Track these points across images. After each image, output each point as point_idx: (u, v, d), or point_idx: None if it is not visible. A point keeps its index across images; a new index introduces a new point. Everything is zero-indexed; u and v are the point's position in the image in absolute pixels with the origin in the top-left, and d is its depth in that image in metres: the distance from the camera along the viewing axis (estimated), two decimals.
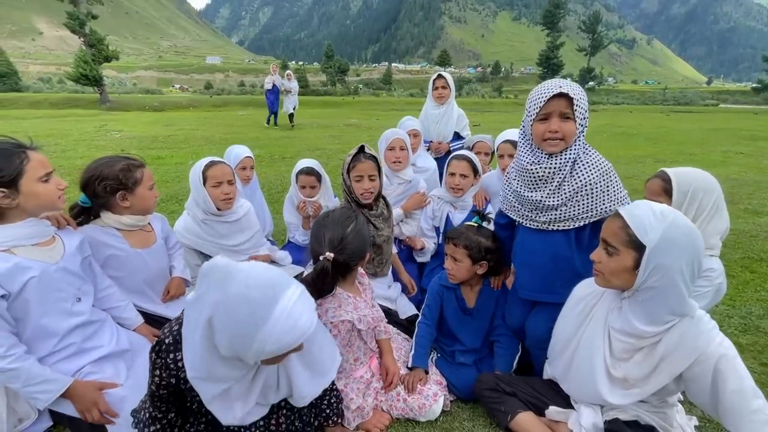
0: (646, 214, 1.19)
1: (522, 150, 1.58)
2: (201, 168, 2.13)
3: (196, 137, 9.94)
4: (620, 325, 1.29)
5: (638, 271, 1.19)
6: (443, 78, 3.53)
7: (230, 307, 0.98)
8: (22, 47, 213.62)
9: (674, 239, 1.15)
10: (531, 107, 1.46)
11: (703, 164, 7.54)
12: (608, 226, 1.28)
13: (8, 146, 1.36)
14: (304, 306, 1.04)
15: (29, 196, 1.36)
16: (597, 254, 1.32)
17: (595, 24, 52.72)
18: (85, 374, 1.46)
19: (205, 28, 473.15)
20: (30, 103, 23.06)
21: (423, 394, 1.61)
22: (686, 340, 1.18)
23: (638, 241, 1.18)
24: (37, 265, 1.37)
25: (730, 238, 3.64)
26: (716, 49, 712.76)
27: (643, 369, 1.26)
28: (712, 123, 17.65)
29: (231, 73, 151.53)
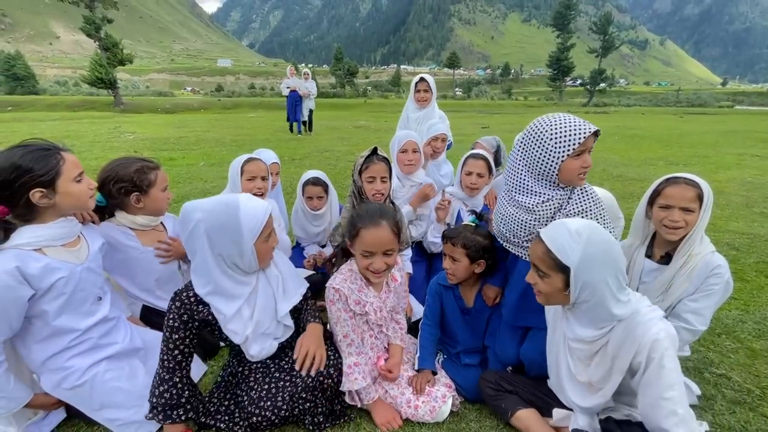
0: (563, 235, 1.23)
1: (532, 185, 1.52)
2: (241, 162, 2.24)
3: (207, 139, 10.07)
4: (570, 334, 1.36)
5: (569, 290, 1.25)
6: (425, 81, 3.57)
7: (213, 215, 1.36)
8: (39, 51, 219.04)
9: (593, 256, 1.20)
10: (565, 144, 1.39)
11: (717, 167, 7.45)
12: (534, 251, 1.32)
13: (44, 147, 1.39)
14: (255, 199, 1.45)
15: (65, 195, 1.39)
16: (531, 277, 1.37)
17: (606, 25, 52.03)
18: (102, 371, 1.49)
19: (216, 32, 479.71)
20: (47, 105, 23.65)
21: (432, 396, 1.60)
22: (628, 333, 1.23)
23: (562, 264, 1.23)
24: (65, 266, 1.40)
25: (744, 242, 3.58)
26: (731, 50, 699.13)
27: (600, 371, 1.31)
28: (727, 125, 17.33)
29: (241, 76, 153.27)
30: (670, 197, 1.57)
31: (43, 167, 1.34)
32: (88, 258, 1.50)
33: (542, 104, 45.60)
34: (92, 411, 1.47)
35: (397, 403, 1.62)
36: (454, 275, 1.80)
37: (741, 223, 4.12)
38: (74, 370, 1.44)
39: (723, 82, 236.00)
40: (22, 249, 1.33)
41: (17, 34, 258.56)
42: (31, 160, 1.32)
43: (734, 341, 2.12)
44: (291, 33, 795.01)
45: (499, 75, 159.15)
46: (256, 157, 2.31)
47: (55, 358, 1.43)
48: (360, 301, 1.63)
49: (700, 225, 1.55)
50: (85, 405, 1.46)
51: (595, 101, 48.19)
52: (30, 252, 1.34)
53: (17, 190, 1.31)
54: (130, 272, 1.81)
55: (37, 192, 1.33)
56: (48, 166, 1.35)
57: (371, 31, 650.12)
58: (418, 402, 1.59)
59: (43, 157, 1.35)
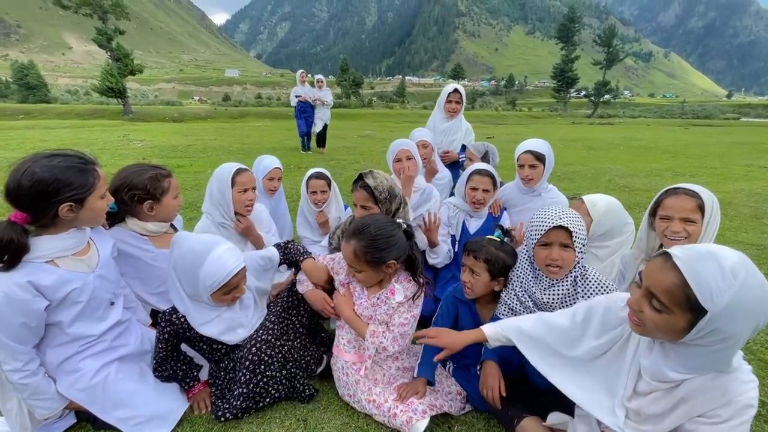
0: (713, 274, 0.95)
1: (524, 269, 1.67)
2: (231, 173, 2.14)
3: (215, 147, 10.19)
4: (648, 365, 1.15)
5: (689, 330, 1.00)
6: (458, 93, 3.51)
7: (179, 259, 1.51)
8: (52, 61, 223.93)
9: (743, 305, 0.93)
10: (532, 233, 1.57)
11: (724, 178, 7.40)
12: (660, 280, 1.02)
13: (83, 161, 1.39)
14: (230, 255, 1.53)
15: (89, 211, 1.39)
16: (637, 302, 1.09)
17: (610, 38, 52.39)
18: (114, 372, 1.51)
19: (224, 43, 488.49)
20: (58, 113, 24.08)
21: (411, 407, 1.56)
22: (717, 385, 1.04)
23: (698, 305, 0.95)
24: (78, 276, 1.41)
25: (755, 254, 3.54)
26: (736, 63, 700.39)
27: (659, 406, 1.14)
28: (733, 137, 17.26)
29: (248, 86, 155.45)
30: (669, 208, 1.56)
31: (82, 183, 1.35)
32: (99, 265, 1.50)
33: (546, 115, 45.73)
34: (104, 412, 1.47)
35: (379, 410, 1.59)
36: (471, 290, 1.73)
37: (750, 234, 4.08)
38: (86, 371, 1.45)
39: (728, 94, 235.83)
40: (35, 262, 1.33)
41: (31, 45, 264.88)
42: (72, 175, 1.33)
43: (747, 353, 2.08)
44: (298, 44, 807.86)
45: (504, 86, 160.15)
46: (244, 168, 2.22)
47: (69, 361, 1.44)
48: (345, 284, 1.78)
49: (705, 236, 1.52)
50: (98, 406, 1.47)
51: (599, 113, 48.25)
52: (42, 265, 1.34)
53: (51, 203, 1.30)
54: (143, 276, 1.81)
55: (67, 206, 1.33)
56: (86, 182, 1.36)
57: (377, 42, 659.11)
58: (396, 410, 1.56)
59: (82, 172, 1.35)
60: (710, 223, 1.52)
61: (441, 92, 3.59)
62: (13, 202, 1.29)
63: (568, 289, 1.58)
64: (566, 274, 1.58)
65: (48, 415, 1.42)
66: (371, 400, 1.62)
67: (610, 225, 1.92)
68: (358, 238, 1.59)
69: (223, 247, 1.52)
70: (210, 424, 1.60)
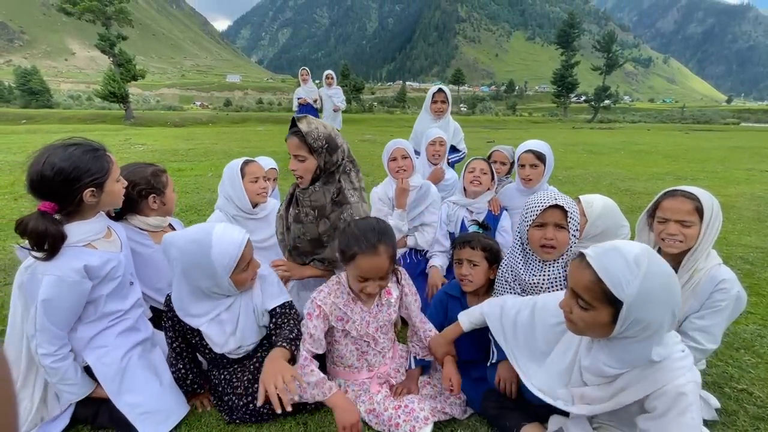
0: (618, 265, 1.06)
1: (515, 254, 1.68)
2: (239, 165, 2.23)
3: (216, 151, 10.20)
4: (588, 364, 1.24)
5: (615, 324, 1.09)
6: (443, 93, 3.53)
7: (186, 255, 1.44)
8: (55, 66, 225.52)
9: (653, 293, 1.04)
10: (528, 214, 1.59)
11: (726, 182, 7.38)
12: (579, 279, 1.13)
13: (95, 147, 1.46)
14: (231, 230, 1.50)
15: (108, 194, 1.48)
16: (567, 303, 1.19)
17: (610, 43, 52.62)
18: (137, 356, 1.60)
19: (226, 48, 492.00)
20: (60, 118, 24.17)
21: (413, 416, 1.51)
22: (646, 375, 1.12)
23: (614, 297, 1.06)
24: (114, 255, 1.53)
25: (759, 257, 3.51)
26: (736, 68, 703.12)
27: (599, 394, 1.22)
28: (734, 141, 17.25)
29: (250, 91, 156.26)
30: (666, 210, 1.55)
31: (99, 168, 1.43)
32: (122, 247, 1.61)
33: (547, 120, 45.83)
34: (118, 393, 1.50)
35: (379, 419, 1.56)
36: (472, 281, 1.76)
37: (754, 238, 4.06)
38: (114, 347, 1.54)
39: (728, 99, 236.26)
40: (77, 246, 1.43)
41: (34, 50, 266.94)
42: (89, 161, 1.41)
43: (753, 356, 2.06)
44: (299, 50, 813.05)
45: (504, 91, 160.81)
46: (251, 159, 2.32)
47: (99, 336, 1.53)
48: (343, 317, 1.59)
49: (705, 240, 1.49)
50: (115, 385, 1.51)
51: (599, 118, 48.34)
52: (84, 249, 1.44)
53: (76, 189, 1.38)
54: (143, 272, 1.83)
55: (89, 191, 1.40)
56: (102, 167, 1.44)
57: (377, 48, 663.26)
58: (399, 420, 1.52)
59: (97, 158, 1.44)
60: (710, 225, 1.49)
61: (427, 94, 3.62)
62: (38, 193, 1.37)
63: (559, 272, 1.60)
64: (558, 257, 1.59)
65: (74, 399, 1.50)
66: (371, 410, 1.58)
67: (605, 226, 1.89)
68: (384, 242, 1.45)
69: (220, 226, 1.51)
70: (208, 428, 1.58)
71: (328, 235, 1.86)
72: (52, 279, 1.35)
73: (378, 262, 1.45)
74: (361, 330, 1.61)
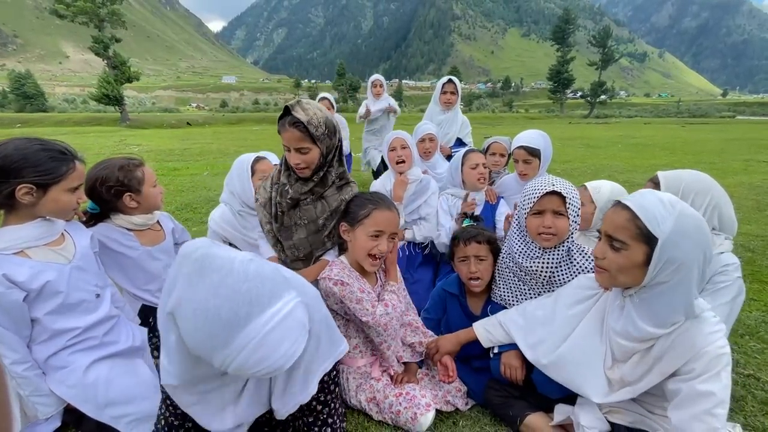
0: (654, 204, 1.10)
1: (515, 240, 1.63)
2: (250, 162, 2.18)
3: (211, 150, 10.15)
4: (622, 327, 1.20)
5: (648, 266, 1.10)
6: (453, 83, 3.50)
7: (192, 316, 0.81)
8: (49, 70, 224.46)
9: (686, 230, 1.06)
10: (525, 202, 1.54)
11: (723, 172, 7.37)
12: (613, 219, 1.16)
13: (61, 150, 1.35)
14: (287, 331, 0.84)
15: (50, 201, 1.32)
16: (600, 250, 1.20)
17: (605, 38, 52.75)
18: (106, 368, 1.43)
19: (221, 49, 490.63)
20: (55, 122, 24.06)
21: (414, 402, 1.49)
22: (684, 340, 1.10)
23: (649, 234, 1.07)
24: (52, 267, 1.34)
25: (760, 245, 3.49)
26: (730, 62, 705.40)
27: (638, 370, 1.19)
28: (730, 133, 17.29)
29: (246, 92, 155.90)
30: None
31: (49, 170, 1.29)
32: (76, 256, 1.44)
33: (543, 116, 45.88)
34: (97, 410, 1.39)
35: (380, 407, 1.54)
36: (482, 278, 1.70)
37: (754, 226, 4.04)
38: (76, 367, 1.39)
39: (723, 92, 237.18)
40: (3, 254, 1.28)
41: (28, 54, 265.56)
42: (42, 159, 1.29)
43: (759, 342, 2.03)
44: (294, 50, 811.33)
45: (500, 88, 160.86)
46: (263, 156, 2.27)
47: (56, 356, 1.38)
48: (363, 288, 1.57)
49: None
50: (90, 404, 1.39)
51: (596, 113, 48.48)
52: (11, 257, 1.28)
53: (9, 182, 1.25)
54: (129, 272, 1.76)
55: (24, 188, 1.26)
56: (55, 170, 1.30)
57: (373, 47, 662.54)
58: (400, 407, 1.50)
59: (54, 160, 1.31)
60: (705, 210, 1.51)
61: (436, 85, 3.58)
62: None
63: (560, 258, 1.53)
64: (559, 243, 1.53)
65: (51, 413, 1.38)
66: (371, 399, 1.56)
67: None
68: (394, 204, 1.60)
69: (278, 309, 0.85)
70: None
71: (325, 218, 1.78)
72: None
73: (392, 216, 1.56)
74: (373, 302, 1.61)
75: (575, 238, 1.58)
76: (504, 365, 1.55)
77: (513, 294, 1.66)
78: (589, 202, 1.90)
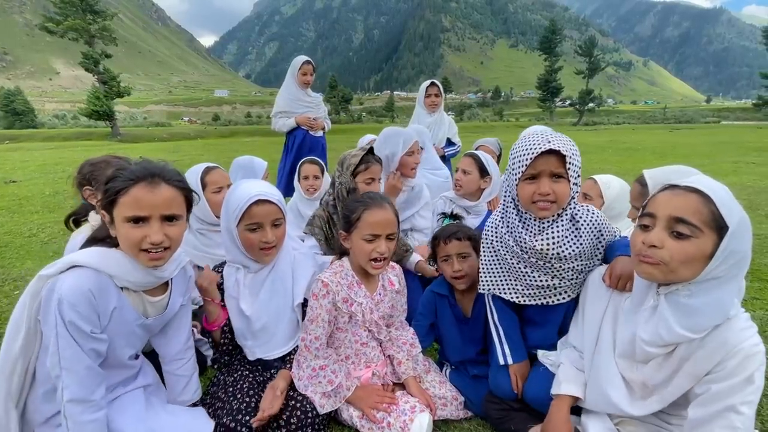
0: (721, 189, 0.98)
1: (507, 215, 1.36)
2: (198, 174, 1.96)
3: (201, 162, 10.03)
4: (653, 330, 1.06)
5: (711, 258, 0.97)
6: (436, 86, 3.53)
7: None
8: (39, 86, 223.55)
9: (745, 221, 0.96)
10: (516, 165, 1.26)
11: (714, 174, 7.31)
12: (679, 203, 0.99)
13: (144, 166, 1.15)
14: (260, 186, 1.48)
15: (117, 232, 1.13)
16: (657, 237, 1.00)
17: (591, 48, 53.98)
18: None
19: (213, 64, 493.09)
20: (44, 138, 23.81)
21: (399, 410, 1.42)
22: (715, 337, 1.00)
23: (721, 222, 0.95)
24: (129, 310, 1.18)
25: (757, 243, 3.45)
26: (713, 69, 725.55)
27: (662, 373, 1.08)
28: (717, 137, 17.59)
29: (238, 105, 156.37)
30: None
31: (112, 186, 1.10)
32: (158, 317, 1.33)
33: (533, 124, 46.49)
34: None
35: (370, 425, 1.44)
36: (466, 275, 1.62)
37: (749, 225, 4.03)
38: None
39: (707, 99, 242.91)
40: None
41: (18, 71, 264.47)
42: (128, 173, 1.12)
43: (767, 341, 1.95)
44: (286, 63, 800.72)
45: (491, 98, 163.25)
46: (213, 165, 2.07)
47: (55, 418, 1.16)
48: (348, 299, 1.49)
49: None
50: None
51: (584, 120, 49.23)
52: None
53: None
54: None
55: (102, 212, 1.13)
56: (112, 188, 1.10)
57: (364, 59, 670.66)
58: (390, 419, 1.40)
59: (128, 176, 1.11)
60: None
61: (419, 90, 3.61)
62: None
63: (565, 230, 1.28)
64: (560, 212, 1.28)
65: None
66: (362, 416, 1.45)
67: (621, 209, 1.81)
68: (387, 201, 1.52)
69: (259, 182, 1.52)
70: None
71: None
72: None
73: (385, 214, 1.45)
74: (366, 315, 1.51)
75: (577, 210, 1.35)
76: (512, 371, 1.47)
77: (504, 280, 1.45)
78: (597, 196, 1.83)
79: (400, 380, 1.59)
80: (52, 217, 4.85)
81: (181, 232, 1.17)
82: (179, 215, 1.15)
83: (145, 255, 1.10)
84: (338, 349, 1.55)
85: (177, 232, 1.14)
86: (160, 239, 1.09)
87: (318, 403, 1.42)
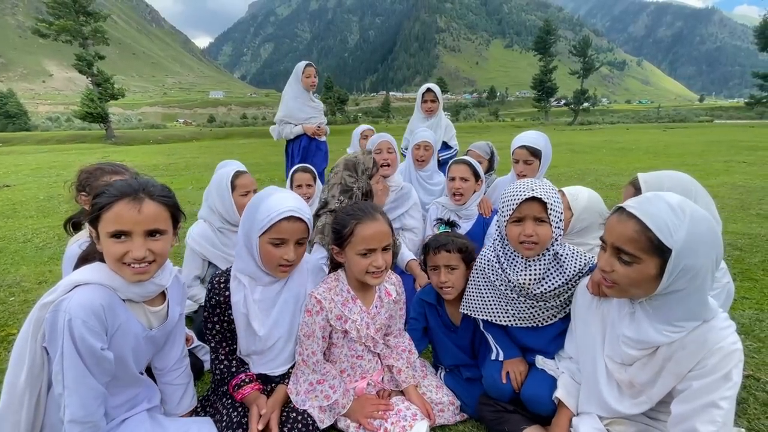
0: (663, 211, 1.01)
1: (497, 250, 1.52)
2: (230, 177, 2.09)
3: (197, 164, 10.00)
4: (634, 334, 1.13)
5: (662, 276, 1.02)
6: (432, 92, 3.52)
7: (248, 205, 1.44)
8: (32, 89, 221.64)
9: (699, 236, 0.99)
10: (505, 208, 1.43)
11: (705, 173, 7.50)
12: (620, 231, 1.06)
13: (128, 184, 1.16)
14: (293, 200, 1.40)
15: (102, 247, 1.14)
16: (607, 262, 1.10)
17: (585, 48, 54.39)
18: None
19: (208, 65, 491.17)
20: (38, 140, 23.62)
21: (400, 415, 1.42)
22: (695, 338, 1.05)
23: (662, 246, 1.00)
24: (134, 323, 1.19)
25: (746, 243, 3.51)
26: (705, 68, 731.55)
27: (647, 372, 1.12)
28: (710, 136, 17.74)
29: (233, 107, 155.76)
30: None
31: (97, 202, 1.12)
32: (160, 327, 1.32)
33: (529, 124, 46.65)
34: None
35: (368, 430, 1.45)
36: (453, 286, 1.61)
37: (740, 225, 4.07)
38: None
39: (700, 98, 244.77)
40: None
41: (11, 74, 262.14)
42: (112, 189, 1.13)
43: (755, 341, 2.00)
44: (282, 65, 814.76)
45: (486, 98, 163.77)
46: (243, 170, 2.20)
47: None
48: (342, 316, 1.47)
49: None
50: None
51: (579, 120, 49.51)
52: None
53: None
54: None
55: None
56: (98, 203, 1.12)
57: (360, 60, 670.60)
58: (387, 424, 1.40)
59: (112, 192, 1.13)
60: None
61: (417, 93, 3.61)
62: None
63: (547, 266, 1.42)
64: (543, 252, 1.42)
65: None
66: (359, 425, 1.46)
67: (591, 220, 1.77)
68: (379, 211, 1.48)
69: (292, 195, 1.44)
70: None
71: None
72: None
73: (379, 226, 1.41)
74: (362, 331, 1.49)
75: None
76: (506, 367, 1.50)
77: (495, 305, 1.53)
78: (566, 208, 1.83)
79: (400, 389, 1.58)
80: (47, 222, 4.83)
81: (167, 247, 1.18)
82: (164, 230, 1.16)
83: (128, 269, 1.12)
84: (334, 363, 1.54)
85: (161, 246, 1.16)
86: (143, 255, 1.11)
87: (317, 417, 1.41)
